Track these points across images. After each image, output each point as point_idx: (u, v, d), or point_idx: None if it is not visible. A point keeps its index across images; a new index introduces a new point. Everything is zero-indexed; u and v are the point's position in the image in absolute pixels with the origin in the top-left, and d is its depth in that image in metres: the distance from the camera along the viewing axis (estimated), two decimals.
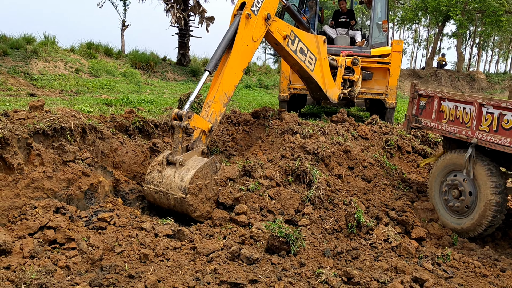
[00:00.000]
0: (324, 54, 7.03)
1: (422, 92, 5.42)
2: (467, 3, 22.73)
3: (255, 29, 5.41)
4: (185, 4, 18.97)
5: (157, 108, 8.63)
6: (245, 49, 5.30)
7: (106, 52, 18.58)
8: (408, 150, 6.81)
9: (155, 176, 4.63)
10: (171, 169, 4.56)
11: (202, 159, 4.68)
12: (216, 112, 5.04)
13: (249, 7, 5.25)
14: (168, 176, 4.54)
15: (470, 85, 21.89)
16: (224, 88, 5.10)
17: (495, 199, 4.44)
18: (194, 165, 4.54)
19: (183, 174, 4.46)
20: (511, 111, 4.23)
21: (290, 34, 6.22)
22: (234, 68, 5.19)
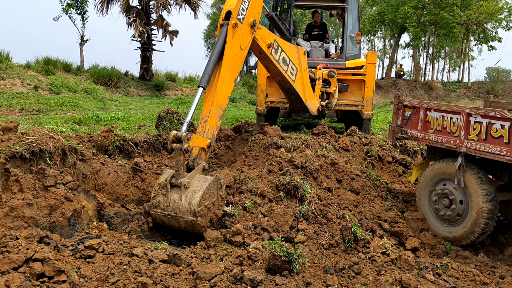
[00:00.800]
0: (305, 66, 7.06)
1: (407, 103, 5.49)
2: (422, 15, 23.71)
3: (243, 38, 5.37)
4: (147, 18, 18.66)
5: (130, 125, 8.33)
6: (235, 59, 5.25)
7: (64, 68, 17.92)
8: (389, 160, 6.88)
9: (160, 200, 4.56)
10: (176, 193, 4.50)
11: (206, 178, 4.60)
12: (213, 127, 4.97)
13: (235, 16, 5.19)
14: (174, 200, 4.49)
15: (428, 93, 22.74)
16: (218, 102, 5.02)
17: (487, 207, 4.52)
18: (200, 186, 4.47)
19: (190, 197, 4.43)
20: (499, 120, 4.33)
21: (274, 43, 6.21)
22: (226, 80, 5.13)
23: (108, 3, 17.88)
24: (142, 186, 5.46)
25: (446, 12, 22.64)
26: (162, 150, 6.19)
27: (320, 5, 9.55)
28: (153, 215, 4.70)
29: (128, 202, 5.23)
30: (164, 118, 6.54)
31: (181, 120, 6.60)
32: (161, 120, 6.57)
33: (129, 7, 18.01)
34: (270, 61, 6.28)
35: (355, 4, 9.55)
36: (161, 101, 17.62)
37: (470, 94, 22.84)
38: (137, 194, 5.38)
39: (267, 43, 6.06)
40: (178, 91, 21.05)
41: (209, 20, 39.35)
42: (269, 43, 6.09)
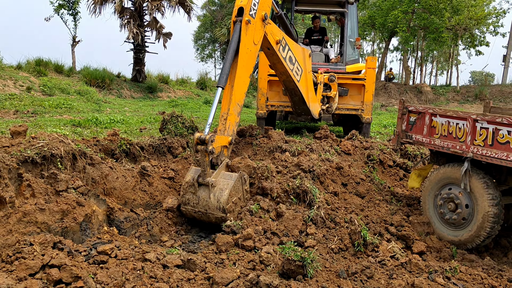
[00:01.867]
0: (309, 68, 7.18)
1: (412, 108, 5.59)
2: (411, 20, 24.02)
3: (255, 32, 5.53)
4: (141, 19, 18.59)
5: (131, 128, 8.30)
6: (249, 55, 5.41)
7: (56, 69, 17.75)
8: (390, 164, 6.98)
9: (190, 198, 4.89)
10: (204, 191, 4.82)
11: (231, 175, 4.87)
12: (232, 123, 5.16)
13: (247, 12, 5.31)
14: (203, 198, 4.81)
15: (417, 97, 23.03)
16: (236, 99, 5.20)
17: (492, 211, 4.62)
18: (226, 184, 4.78)
19: (218, 195, 4.75)
20: (506, 126, 4.44)
21: (282, 40, 6.34)
22: (242, 77, 5.29)
23: (101, 4, 17.77)
24: (150, 190, 5.45)
25: (435, 17, 22.97)
26: (167, 153, 6.19)
27: (320, 10, 9.64)
28: (184, 211, 5.00)
29: (136, 206, 5.22)
30: (168, 122, 6.54)
31: (186, 124, 6.60)
32: (166, 124, 6.56)
33: (123, 9, 17.93)
34: (278, 58, 6.39)
35: (355, 10, 9.67)
36: (155, 103, 17.55)
37: (459, 98, 23.21)
38: (144, 198, 5.37)
39: (276, 39, 6.19)
40: (171, 93, 20.99)
41: (199, 22, 39.30)
42: (278, 39, 6.21)
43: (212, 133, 4.67)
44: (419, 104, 19.66)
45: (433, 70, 37.89)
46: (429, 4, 22.95)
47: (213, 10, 34.62)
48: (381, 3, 26.50)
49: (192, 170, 4.97)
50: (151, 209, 5.34)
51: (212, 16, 33.60)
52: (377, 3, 27.32)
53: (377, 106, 21.41)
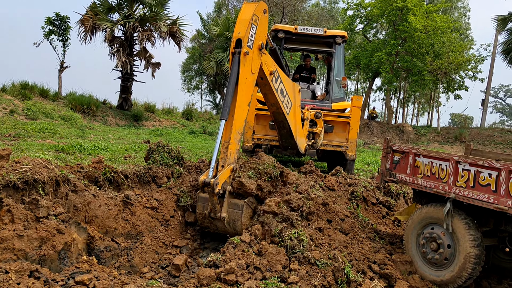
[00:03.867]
0: (298, 103, 7.36)
1: (396, 147, 5.69)
2: (395, 62, 24.80)
3: (253, 62, 5.75)
4: (130, 49, 18.76)
5: (116, 156, 8.23)
6: (247, 84, 5.64)
7: (41, 94, 17.65)
8: (373, 202, 7.02)
9: (208, 225, 5.52)
10: (219, 222, 5.35)
11: (238, 205, 5.32)
12: (233, 151, 5.39)
13: (245, 44, 5.52)
14: (221, 227, 5.42)
15: (399, 136, 23.48)
16: (236, 127, 5.42)
17: (474, 252, 4.66)
18: (237, 215, 5.31)
19: (233, 225, 5.33)
20: (487, 169, 4.55)
21: (275, 72, 6.55)
22: (242, 106, 5.51)
23: (92, 32, 17.92)
24: (132, 219, 5.36)
25: (418, 60, 23.78)
26: (151, 183, 6.13)
27: (309, 49, 9.92)
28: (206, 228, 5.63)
29: (118, 235, 5.12)
30: (154, 151, 6.50)
31: (172, 154, 6.57)
32: (152, 153, 6.52)
33: (114, 38, 18.11)
34: (270, 88, 6.56)
35: (342, 50, 9.97)
36: (140, 131, 17.50)
37: (439, 138, 23.74)
38: (126, 228, 5.28)
39: (270, 70, 6.40)
40: (156, 122, 20.98)
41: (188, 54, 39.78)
42: (272, 70, 6.42)
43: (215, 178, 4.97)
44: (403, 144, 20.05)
45: (415, 110, 38.86)
46: (412, 47, 23.80)
47: (202, 43, 35.18)
48: (366, 45, 27.38)
49: (201, 200, 5.45)
50: (132, 239, 5.24)
51: (201, 49, 34.10)
52: (362, 44, 28.22)
53: (360, 143, 21.72)
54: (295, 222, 5.28)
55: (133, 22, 18.11)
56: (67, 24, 18.17)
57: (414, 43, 23.29)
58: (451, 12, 33.55)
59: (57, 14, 17.94)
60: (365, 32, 28.43)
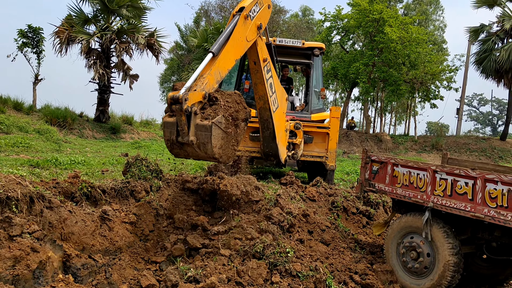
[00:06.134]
0: (284, 109, 7.48)
1: (374, 157, 5.75)
2: (372, 72, 25.24)
3: (250, 31, 5.89)
4: (108, 61, 18.57)
5: (93, 170, 8.07)
6: (240, 43, 5.68)
7: (15, 107, 17.25)
8: (353, 211, 7.06)
9: (179, 152, 5.06)
10: (189, 147, 4.89)
11: (205, 127, 4.79)
12: (210, 84, 5.04)
13: (248, 10, 5.78)
14: (192, 152, 4.95)
15: (378, 145, 23.80)
16: (219, 67, 5.23)
17: (453, 260, 4.72)
18: (206, 137, 4.80)
19: (203, 149, 4.84)
20: (463, 178, 4.63)
21: (268, 62, 6.74)
22: (230, 54, 5.45)
23: (67, 44, 17.68)
24: (110, 235, 5.24)
25: (394, 71, 24.26)
26: (130, 197, 6.02)
27: (288, 60, 10.00)
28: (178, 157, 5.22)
29: (95, 252, 4.99)
30: (132, 165, 6.39)
31: (150, 167, 6.48)
32: (130, 167, 6.41)
33: (90, 50, 17.90)
34: (261, 76, 6.71)
35: (320, 62, 10.09)
36: (117, 144, 17.25)
37: (417, 147, 24.16)
38: (104, 244, 5.15)
39: (264, 56, 6.60)
40: (135, 134, 20.73)
41: (166, 65, 39.64)
42: (265, 57, 6.64)
43: (185, 92, 4.60)
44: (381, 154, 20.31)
45: (392, 120, 39.51)
46: (388, 58, 24.27)
47: (181, 54, 35.13)
48: (344, 56, 27.80)
49: (166, 125, 4.96)
50: (110, 255, 5.11)
51: (180, 60, 34.05)
52: (340, 55, 28.64)
53: (339, 153, 21.91)
54: (276, 235, 5.25)
55: (110, 34, 17.95)
56: (41, 35, 17.87)
57: (391, 53, 23.77)
58: (427, 25, 34.43)
59: (30, 26, 17.63)
60: (342, 43, 28.88)
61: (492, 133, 55.19)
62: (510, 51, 20.76)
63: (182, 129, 4.76)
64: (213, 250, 5.18)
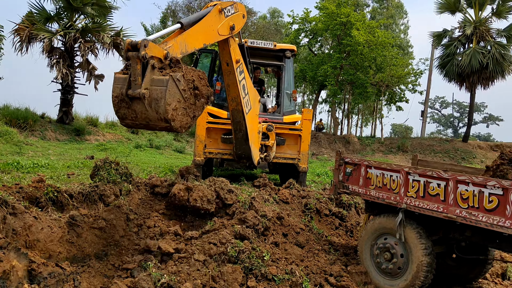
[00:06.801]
0: (257, 111, 7.44)
1: (348, 160, 5.78)
2: (339, 75, 25.62)
3: (222, 26, 5.75)
4: (71, 60, 17.97)
5: (58, 174, 7.75)
6: (210, 31, 5.50)
7: None
8: (326, 213, 7.09)
9: (126, 113, 4.41)
10: (139, 104, 4.30)
11: (162, 81, 4.28)
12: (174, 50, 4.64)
13: (223, 6, 5.70)
14: (141, 111, 4.33)
15: (346, 147, 24.17)
16: (186, 40, 4.86)
17: (426, 260, 4.79)
18: (160, 93, 4.24)
19: (155, 106, 4.25)
20: (435, 179, 4.71)
21: (241, 64, 6.67)
22: (198, 34, 5.16)
23: (28, 43, 16.95)
24: (78, 242, 5.03)
25: (361, 73, 24.73)
26: (98, 202, 5.80)
27: (259, 62, 9.96)
28: (124, 125, 4.61)
29: (62, 260, 4.77)
30: (101, 168, 6.17)
31: (120, 170, 6.27)
32: (98, 170, 6.18)
33: (53, 48, 17.24)
34: (234, 78, 6.63)
35: (291, 64, 10.11)
36: (82, 146, 16.72)
37: (383, 148, 24.69)
38: (72, 251, 4.94)
39: (237, 58, 6.52)
40: (100, 136, 20.15)
41: None
42: (238, 59, 6.57)
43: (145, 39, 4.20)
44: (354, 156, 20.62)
45: (359, 121, 40.25)
46: (355, 61, 24.70)
47: None
48: (312, 58, 28.08)
49: (117, 80, 4.38)
50: (79, 263, 4.90)
51: None
52: (308, 57, 28.91)
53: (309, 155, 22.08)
54: (251, 239, 5.19)
55: (74, 33, 17.36)
56: None
57: (358, 57, 24.20)
58: (393, 29, 35.29)
59: None
60: (311, 46, 29.18)
61: (454, 135, 57.25)
62: (472, 56, 21.55)
63: (135, 79, 4.23)
64: (187, 255, 5.05)
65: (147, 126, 4.49)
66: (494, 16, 22.95)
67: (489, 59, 21.32)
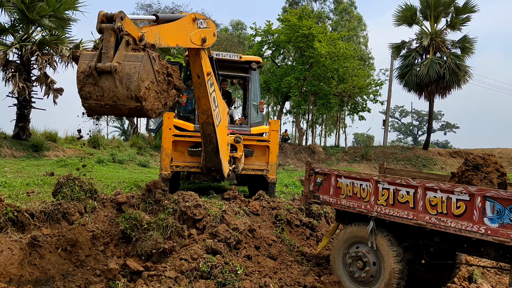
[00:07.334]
0: (226, 123, 7.37)
1: (318, 169, 5.80)
2: (303, 86, 25.98)
3: (194, 34, 5.71)
4: (28, 74, 17.33)
5: (17, 192, 7.37)
6: (183, 33, 5.39)
7: None
8: (297, 224, 7.07)
9: (91, 91, 3.93)
10: (107, 80, 3.88)
11: (137, 56, 3.99)
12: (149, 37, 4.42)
13: (196, 16, 5.69)
14: (108, 88, 3.89)
15: (311, 157, 24.39)
16: (161, 33, 4.69)
17: (398, 267, 4.85)
18: (133, 68, 3.89)
19: (126, 82, 3.86)
20: (404, 187, 4.79)
21: (211, 77, 6.64)
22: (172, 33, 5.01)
23: None
24: (41, 264, 4.77)
25: (324, 84, 25.17)
26: (62, 220, 5.54)
27: (225, 74, 9.92)
28: (87, 107, 4.06)
29: (24, 283, 4.52)
30: (64, 185, 5.91)
31: (84, 187, 6.03)
32: (61, 187, 5.92)
33: (8, 62, 16.57)
34: (205, 91, 6.60)
35: (257, 75, 10.14)
36: (41, 162, 16.06)
37: (348, 157, 25.12)
38: (34, 274, 4.68)
39: (208, 70, 6.50)
40: (59, 151, 19.45)
41: None
42: (209, 71, 6.57)
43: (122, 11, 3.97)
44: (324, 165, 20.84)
45: (323, 131, 40.86)
46: (318, 72, 25.13)
47: None
48: (276, 70, 28.36)
49: (85, 56, 4.00)
50: (42, 285, 4.64)
51: None
52: (272, 69, 29.18)
53: None
54: (223, 253, 5.09)
55: (31, 46, 16.77)
56: None
57: (320, 68, 24.62)
58: (357, 41, 36.19)
59: None
60: (274, 58, 29.48)
61: (414, 143, 59.11)
62: (429, 66, 22.39)
63: (107, 52, 3.89)
64: (157, 272, 4.89)
65: (113, 108, 4.05)
66: (448, 28, 23.98)
67: (446, 69, 22.23)
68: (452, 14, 23.66)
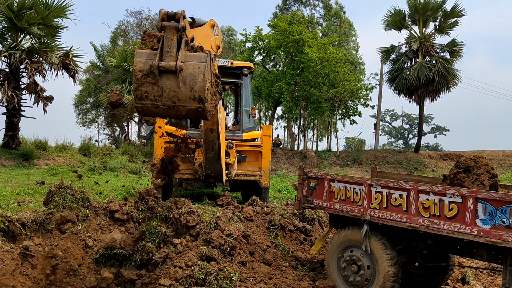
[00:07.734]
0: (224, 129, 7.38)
1: (311, 174, 5.82)
2: (294, 91, 26.09)
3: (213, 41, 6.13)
4: (17, 82, 17.19)
5: (7, 202, 7.29)
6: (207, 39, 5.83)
7: None
8: (291, 229, 7.07)
9: (148, 91, 3.86)
10: (169, 79, 3.83)
11: (199, 56, 3.94)
12: None
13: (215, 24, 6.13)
14: (169, 88, 3.84)
15: (303, 161, 24.46)
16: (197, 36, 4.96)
17: (392, 270, 4.86)
18: (197, 68, 3.84)
19: (190, 82, 3.82)
20: (397, 190, 4.82)
21: None
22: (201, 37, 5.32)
23: None
24: (33, 274, 4.72)
25: (315, 89, 25.30)
26: (54, 230, 5.48)
27: None
28: (140, 108, 3.97)
29: None
30: (56, 194, 5.85)
31: (76, 195, 5.97)
32: (52, 196, 5.85)
33: None
34: None
35: (249, 81, 10.18)
36: (31, 171, 15.90)
37: (340, 162, 25.22)
38: (27, 284, 4.62)
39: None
40: (50, 160, 19.28)
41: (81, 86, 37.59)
42: None
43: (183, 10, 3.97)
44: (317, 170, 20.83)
45: (314, 136, 40.99)
46: (309, 77, 25.26)
47: (98, 74, 33.61)
48: (267, 75, 28.44)
49: (140, 54, 3.92)
50: None
51: (96, 81, 32.52)
52: (263, 75, 29.26)
53: None
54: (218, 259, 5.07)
55: (20, 54, 16.65)
56: None
57: (311, 73, 24.76)
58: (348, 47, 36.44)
59: None
60: (264, 63, 29.58)
61: (405, 146, 59.48)
62: (419, 70, 22.63)
63: (170, 51, 3.83)
64: (151, 280, 4.86)
65: (170, 109, 3.96)
66: (437, 32, 24.27)
67: (435, 72, 22.48)
68: (440, 18, 23.95)
